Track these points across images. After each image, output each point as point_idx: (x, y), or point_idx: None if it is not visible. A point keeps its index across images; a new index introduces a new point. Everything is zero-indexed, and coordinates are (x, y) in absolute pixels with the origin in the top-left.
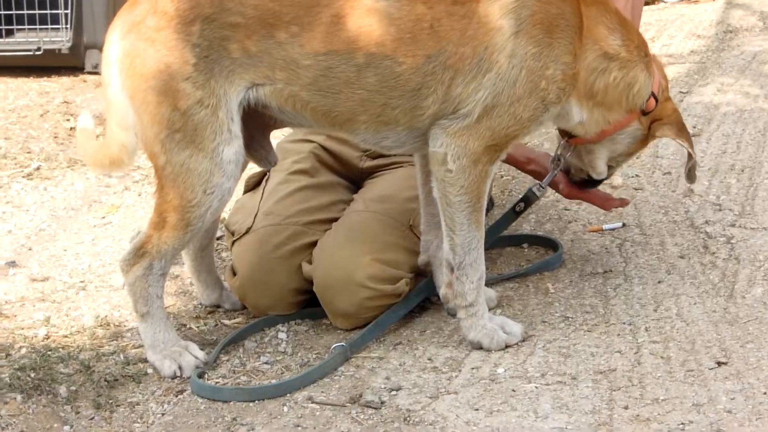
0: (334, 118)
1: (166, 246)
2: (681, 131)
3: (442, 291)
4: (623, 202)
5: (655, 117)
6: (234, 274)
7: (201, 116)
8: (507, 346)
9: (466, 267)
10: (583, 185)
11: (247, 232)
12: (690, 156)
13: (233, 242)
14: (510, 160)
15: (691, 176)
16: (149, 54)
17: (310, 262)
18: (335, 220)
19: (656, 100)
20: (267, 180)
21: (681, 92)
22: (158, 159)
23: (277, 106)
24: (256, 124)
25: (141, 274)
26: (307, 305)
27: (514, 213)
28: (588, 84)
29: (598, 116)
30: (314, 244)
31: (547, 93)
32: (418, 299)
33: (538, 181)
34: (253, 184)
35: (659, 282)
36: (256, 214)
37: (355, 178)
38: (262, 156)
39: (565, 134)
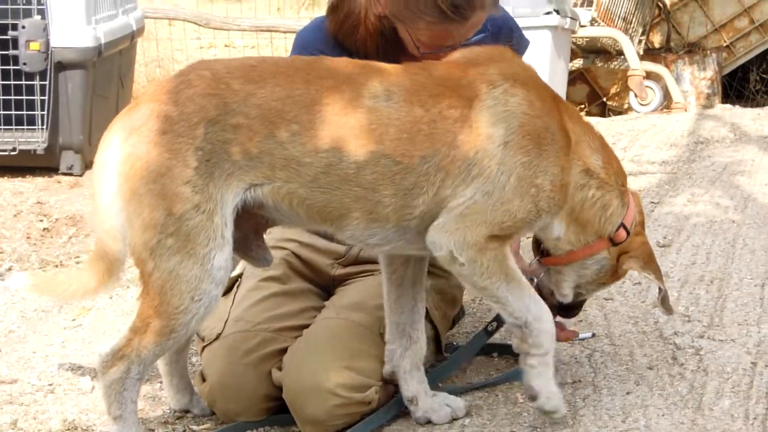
0: (329, 214)
1: (146, 351)
2: (647, 264)
3: (515, 342)
4: (572, 334)
5: (624, 250)
6: (203, 379)
7: (196, 221)
8: (554, 413)
9: (531, 323)
10: (558, 309)
11: (217, 338)
12: (659, 289)
13: (203, 348)
14: None
15: (666, 307)
16: (152, 157)
17: (280, 369)
18: (306, 326)
19: (627, 233)
20: (238, 286)
21: (652, 202)
22: (146, 265)
23: (273, 204)
24: (249, 225)
25: (118, 377)
26: (276, 412)
27: (487, 333)
28: (569, 197)
29: (572, 234)
30: (284, 350)
31: (538, 199)
32: (391, 414)
33: None
34: (225, 290)
35: (628, 393)
36: (226, 320)
37: (326, 285)
38: (259, 256)
39: (538, 253)
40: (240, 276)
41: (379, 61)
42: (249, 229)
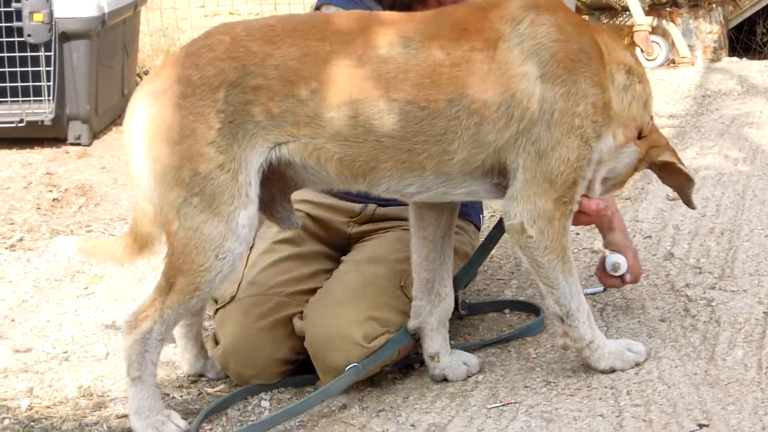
0: (359, 168)
1: (169, 311)
2: (680, 159)
3: (560, 342)
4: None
5: (653, 143)
6: (216, 343)
7: (221, 180)
8: (637, 364)
9: (574, 313)
10: None
11: (230, 300)
12: (689, 181)
13: (216, 310)
14: None
15: (691, 203)
16: (175, 120)
17: (300, 319)
18: (318, 289)
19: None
20: (252, 247)
21: None
22: (172, 225)
23: (300, 161)
24: (277, 185)
25: (140, 337)
26: (289, 375)
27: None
28: (620, 105)
29: (620, 136)
30: (298, 314)
31: (584, 130)
32: (395, 347)
33: None
34: None
35: None
36: (240, 283)
37: (341, 245)
38: (283, 217)
39: None
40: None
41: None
42: (276, 190)
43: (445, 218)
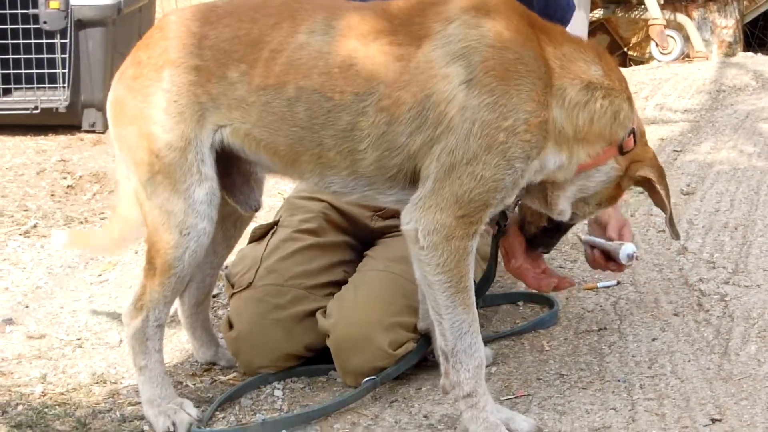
0: (283, 158)
1: (156, 294)
2: (662, 178)
3: (441, 381)
4: (562, 283)
5: (636, 158)
6: (230, 326)
7: (170, 158)
8: None
9: (459, 354)
10: (540, 237)
11: (247, 286)
12: (664, 207)
13: (232, 294)
14: None
15: (674, 232)
16: (128, 100)
17: (323, 315)
18: (337, 282)
19: (635, 141)
20: (273, 234)
21: (675, 150)
22: (145, 205)
23: (239, 146)
24: (237, 170)
25: (140, 326)
26: (302, 365)
27: (496, 240)
28: (571, 123)
29: (580, 154)
30: (315, 311)
31: (508, 147)
32: (413, 362)
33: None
34: (259, 236)
35: (654, 339)
36: (257, 269)
37: (365, 238)
38: (242, 200)
39: None
40: (275, 224)
41: None
42: (237, 175)
43: None
